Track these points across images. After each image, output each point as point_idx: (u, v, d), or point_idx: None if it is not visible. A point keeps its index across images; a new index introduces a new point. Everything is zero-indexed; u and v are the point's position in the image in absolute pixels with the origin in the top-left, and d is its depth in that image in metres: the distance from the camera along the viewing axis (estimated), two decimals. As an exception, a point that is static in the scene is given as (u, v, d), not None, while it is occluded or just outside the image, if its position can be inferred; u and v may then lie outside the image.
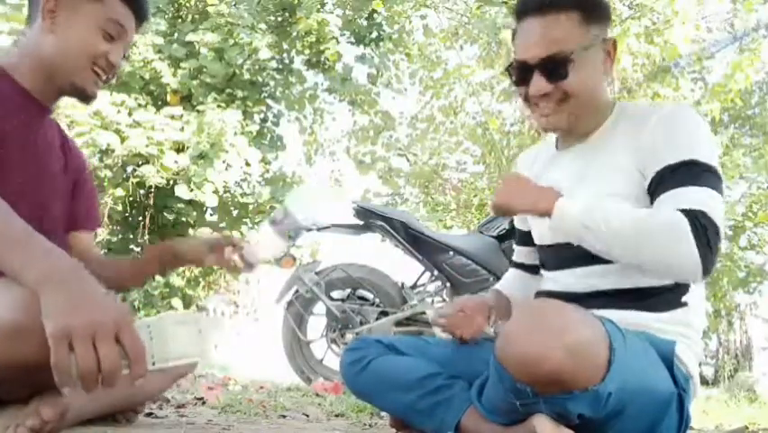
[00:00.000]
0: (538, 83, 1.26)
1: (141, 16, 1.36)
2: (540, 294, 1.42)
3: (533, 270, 1.57)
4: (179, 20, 8.05)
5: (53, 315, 0.83)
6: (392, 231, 3.38)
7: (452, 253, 3.40)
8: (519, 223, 1.60)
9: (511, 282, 1.63)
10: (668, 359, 1.18)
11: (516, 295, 1.59)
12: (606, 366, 1.04)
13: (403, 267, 3.67)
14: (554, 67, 1.24)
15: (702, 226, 1.11)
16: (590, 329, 1.05)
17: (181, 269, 7.45)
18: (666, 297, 1.25)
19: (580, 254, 1.27)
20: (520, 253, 1.62)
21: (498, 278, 2.87)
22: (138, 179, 6.94)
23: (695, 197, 1.14)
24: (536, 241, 1.47)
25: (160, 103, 7.30)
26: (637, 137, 1.24)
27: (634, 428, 1.15)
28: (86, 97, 1.32)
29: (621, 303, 1.24)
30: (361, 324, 3.37)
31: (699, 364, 1.27)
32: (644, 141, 1.23)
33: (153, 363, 0.90)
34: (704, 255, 1.10)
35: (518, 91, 1.34)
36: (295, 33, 8.05)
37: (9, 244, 0.91)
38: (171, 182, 6.89)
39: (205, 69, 7.15)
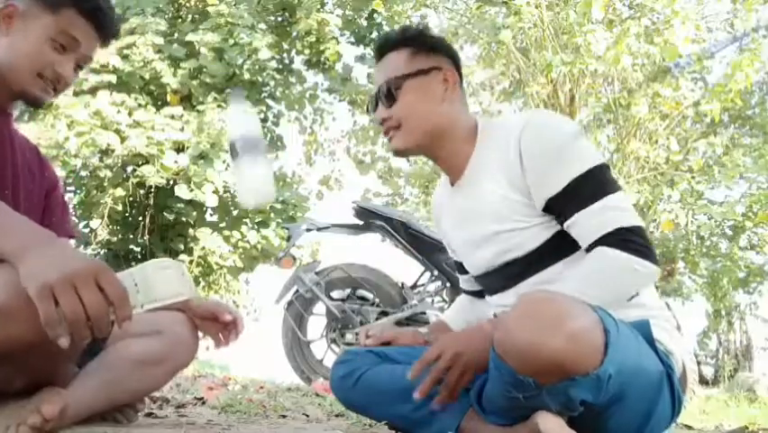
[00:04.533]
0: (378, 110, 1.44)
1: (103, 32, 1.34)
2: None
3: (480, 294, 1.59)
4: (179, 20, 8.05)
5: (33, 277, 0.87)
6: (392, 231, 3.38)
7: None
8: (453, 253, 1.63)
9: (459, 310, 1.66)
10: (648, 338, 1.20)
11: (462, 324, 1.61)
12: (603, 349, 1.05)
13: (403, 267, 3.68)
14: (386, 93, 1.42)
15: (627, 241, 1.20)
16: (585, 314, 1.07)
17: (181, 269, 7.46)
18: None
19: (511, 275, 1.34)
20: (464, 281, 1.65)
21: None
22: (138, 179, 6.94)
23: (602, 218, 1.22)
24: (470, 272, 1.51)
25: (159, 103, 7.31)
26: (506, 158, 1.31)
27: (633, 414, 1.16)
28: (33, 103, 1.33)
29: None
30: (361, 324, 3.37)
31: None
32: (512, 160, 1.30)
33: (142, 306, 0.92)
34: (646, 255, 1.20)
35: (376, 122, 1.52)
36: (295, 33, 8.06)
37: None
38: (171, 182, 6.90)
39: (205, 69, 7.15)
